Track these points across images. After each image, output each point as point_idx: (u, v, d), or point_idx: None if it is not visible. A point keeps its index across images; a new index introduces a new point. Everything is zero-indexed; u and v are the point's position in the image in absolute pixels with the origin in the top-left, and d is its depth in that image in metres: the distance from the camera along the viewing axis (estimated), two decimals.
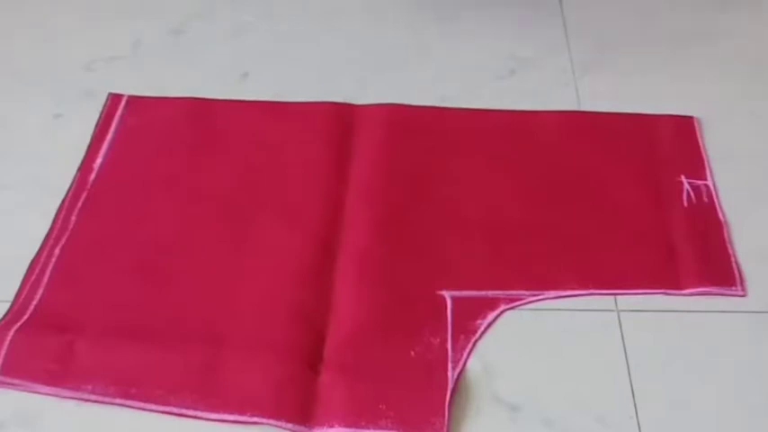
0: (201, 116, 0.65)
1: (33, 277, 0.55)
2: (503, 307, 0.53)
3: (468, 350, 0.51)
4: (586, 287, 0.54)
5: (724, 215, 0.58)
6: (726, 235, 0.57)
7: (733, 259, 0.56)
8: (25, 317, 0.52)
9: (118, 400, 0.49)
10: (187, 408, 0.48)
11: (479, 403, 0.49)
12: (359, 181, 0.60)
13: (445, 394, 0.49)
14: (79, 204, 0.59)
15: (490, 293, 0.54)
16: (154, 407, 0.49)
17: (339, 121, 0.64)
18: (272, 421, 0.48)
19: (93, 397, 0.49)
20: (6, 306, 0.53)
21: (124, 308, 0.53)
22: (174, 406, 0.49)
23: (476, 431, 0.48)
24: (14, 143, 0.64)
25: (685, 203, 0.59)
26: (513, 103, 0.66)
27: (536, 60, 0.70)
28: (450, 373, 0.50)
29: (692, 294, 0.54)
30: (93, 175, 0.61)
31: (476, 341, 0.52)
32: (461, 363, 0.50)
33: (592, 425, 0.48)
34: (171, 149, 0.62)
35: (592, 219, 0.58)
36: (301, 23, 0.72)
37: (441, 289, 0.54)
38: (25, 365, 0.50)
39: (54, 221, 0.58)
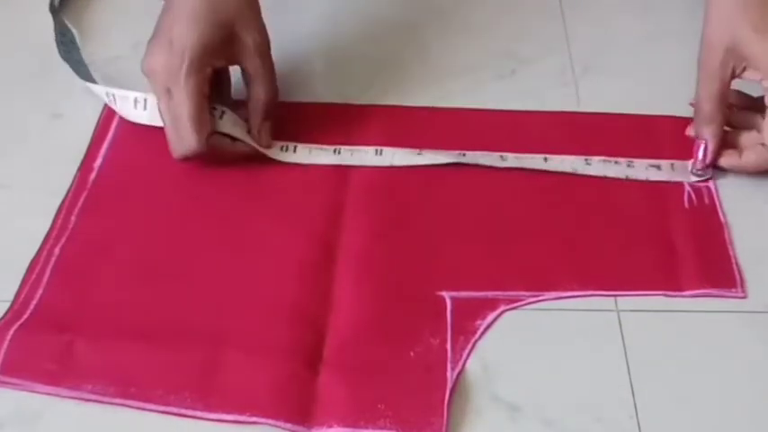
0: None
1: (33, 277, 0.55)
2: (502, 308, 0.53)
3: (467, 351, 0.51)
4: (586, 288, 0.54)
5: (725, 217, 0.58)
6: (727, 237, 0.57)
7: (734, 261, 0.56)
8: (25, 316, 0.52)
9: (117, 400, 0.49)
10: (186, 408, 0.48)
11: (479, 403, 0.49)
12: (358, 180, 0.60)
13: (444, 394, 0.49)
14: (79, 204, 0.59)
15: (490, 294, 0.54)
16: (153, 407, 0.49)
17: (338, 120, 0.64)
18: (270, 421, 0.48)
19: (93, 396, 0.49)
20: (6, 306, 0.53)
21: (124, 308, 0.53)
22: (174, 406, 0.48)
23: (475, 431, 0.48)
24: (14, 143, 0.64)
25: (686, 205, 0.59)
26: (513, 103, 0.66)
27: (536, 60, 0.70)
28: (449, 374, 0.50)
29: (692, 296, 0.54)
30: (93, 175, 0.61)
31: (475, 342, 0.52)
32: (461, 363, 0.50)
33: (592, 425, 0.48)
34: None
35: (592, 220, 0.58)
36: (301, 23, 0.72)
37: (440, 290, 0.54)
38: (25, 365, 0.50)
39: (54, 221, 0.58)
